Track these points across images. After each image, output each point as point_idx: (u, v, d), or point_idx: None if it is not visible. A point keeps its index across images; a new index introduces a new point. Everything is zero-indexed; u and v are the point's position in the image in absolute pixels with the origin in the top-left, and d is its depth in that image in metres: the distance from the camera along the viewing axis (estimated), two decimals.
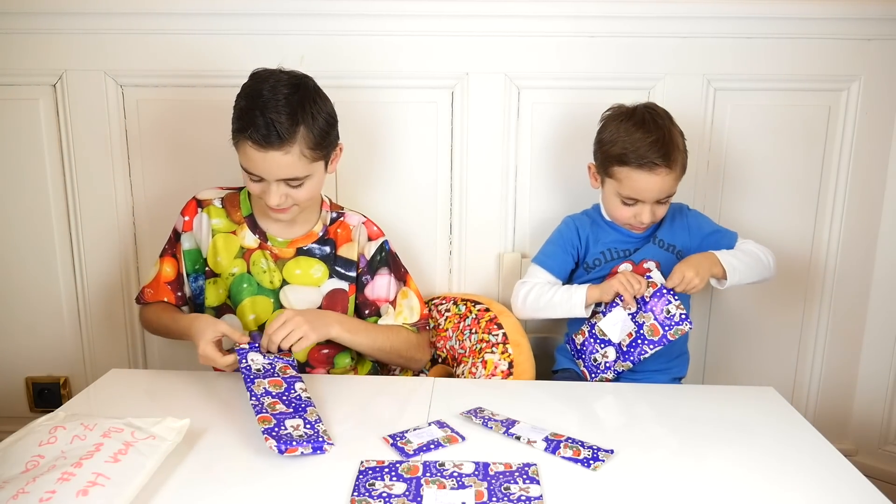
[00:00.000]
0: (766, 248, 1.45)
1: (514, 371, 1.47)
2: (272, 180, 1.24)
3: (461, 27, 1.59)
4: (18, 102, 1.64)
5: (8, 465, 0.89)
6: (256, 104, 1.20)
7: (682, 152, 1.36)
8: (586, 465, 0.99)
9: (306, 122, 1.22)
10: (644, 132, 1.33)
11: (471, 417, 1.13)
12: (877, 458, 1.77)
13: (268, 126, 1.18)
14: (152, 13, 1.57)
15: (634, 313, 1.35)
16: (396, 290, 1.43)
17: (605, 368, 1.38)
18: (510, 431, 1.08)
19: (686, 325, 1.31)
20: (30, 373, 1.79)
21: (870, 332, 1.74)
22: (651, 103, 1.41)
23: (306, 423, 1.06)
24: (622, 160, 1.34)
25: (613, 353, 1.37)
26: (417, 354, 1.43)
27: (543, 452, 1.02)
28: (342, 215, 1.43)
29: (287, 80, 1.24)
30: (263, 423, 1.04)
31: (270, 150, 1.20)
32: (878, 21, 1.56)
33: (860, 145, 1.64)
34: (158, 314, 1.39)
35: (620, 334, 1.37)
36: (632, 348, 1.35)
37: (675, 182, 1.36)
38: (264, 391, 1.13)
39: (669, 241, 1.46)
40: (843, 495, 0.94)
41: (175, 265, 1.40)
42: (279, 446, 0.99)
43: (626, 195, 1.37)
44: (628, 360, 1.36)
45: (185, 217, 1.39)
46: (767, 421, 1.16)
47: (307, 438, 1.02)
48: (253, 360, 1.18)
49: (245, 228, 1.38)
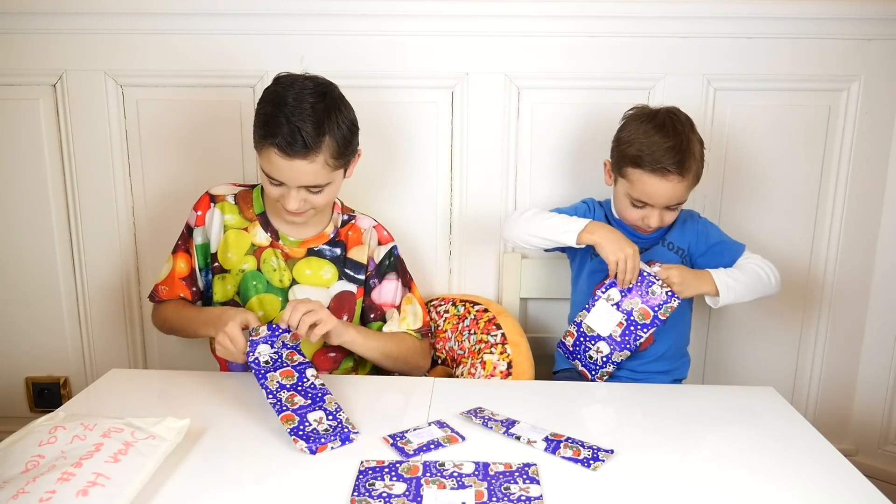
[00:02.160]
0: (771, 264, 1.42)
1: (513, 371, 1.47)
2: (293, 186, 1.25)
3: (461, 27, 1.59)
4: (18, 102, 1.64)
5: (8, 465, 0.89)
6: (282, 111, 1.20)
7: (697, 161, 1.34)
8: (586, 465, 0.99)
9: (332, 132, 1.22)
10: (662, 136, 1.31)
11: (471, 417, 1.13)
12: (877, 458, 1.77)
13: (293, 134, 1.18)
14: (152, 13, 1.57)
15: (619, 303, 1.35)
16: (402, 295, 1.44)
17: (604, 363, 1.37)
18: (510, 431, 1.08)
19: (675, 301, 1.32)
20: (30, 373, 1.79)
21: (870, 333, 1.74)
22: (675, 108, 1.38)
23: (328, 415, 1.09)
24: (636, 162, 1.33)
25: (606, 346, 1.36)
26: (421, 361, 1.44)
27: (543, 452, 1.02)
28: (353, 218, 1.44)
29: (313, 87, 1.23)
30: (287, 422, 1.06)
31: (296, 159, 1.21)
32: (878, 21, 1.56)
33: (860, 145, 1.64)
34: (178, 310, 1.39)
35: (608, 326, 1.36)
36: (626, 336, 1.35)
37: (686, 190, 1.35)
38: (278, 385, 1.13)
39: (679, 244, 1.45)
40: (843, 495, 0.94)
41: (189, 261, 1.40)
42: (310, 447, 1.02)
43: (636, 197, 1.36)
44: (625, 348, 1.35)
45: (197, 212, 1.40)
46: (767, 421, 1.16)
47: (333, 432, 1.05)
48: (260, 353, 1.18)
49: (257, 226, 1.38)
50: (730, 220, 1.68)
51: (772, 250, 1.69)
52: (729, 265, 1.42)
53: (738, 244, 1.47)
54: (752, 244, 1.69)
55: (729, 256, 1.44)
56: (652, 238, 1.45)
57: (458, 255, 1.73)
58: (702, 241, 1.45)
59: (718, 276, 1.36)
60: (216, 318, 1.27)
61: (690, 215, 1.49)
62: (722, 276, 1.36)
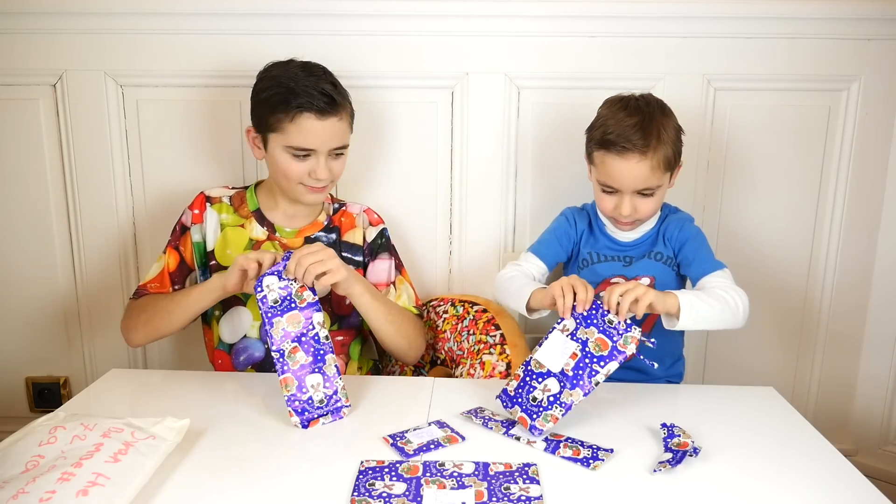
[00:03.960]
0: (743, 294, 1.27)
1: (512, 372, 1.46)
2: (324, 151, 1.32)
3: (461, 27, 1.59)
4: (18, 102, 1.64)
5: (8, 465, 0.89)
6: (298, 82, 1.28)
7: (665, 144, 1.29)
8: (586, 464, 0.99)
9: (345, 93, 1.35)
10: (626, 114, 1.29)
11: (471, 417, 1.13)
12: (877, 458, 1.77)
13: (324, 94, 1.28)
14: (152, 13, 1.57)
15: (573, 332, 1.13)
16: (395, 275, 1.46)
17: (549, 404, 1.09)
18: (510, 432, 1.08)
19: (635, 331, 1.09)
20: (30, 373, 1.79)
21: (870, 333, 1.74)
22: (648, 94, 1.36)
23: (326, 380, 1.14)
24: (600, 143, 1.32)
25: (556, 383, 1.10)
26: (419, 340, 1.43)
27: (543, 452, 1.02)
28: (344, 205, 1.49)
29: (308, 63, 1.35)
30: (285, 387, 1.11)
31: (330, 118, 1.30)
32: (878, 21, 1.56)
33: (860, 145, 1.64)
34: (162, 296, 1.36)
35: (560, 360, 1.11)
36: (579, 370, 1.09)
37: (652, 173, 1.28)
38: (283, 333, 1.14)
39: (667, 253, 1.41)
40: (843, 495, 0.94)
41: (177, 257, 1.41)
42: (302, 422, 1.09)
43: (603, 181, 1.34)
44: (577, 386, 1.08)
45: (194, 210, 1.42)
46: (767, 421, 1.16)
47: (327, 403, 1.13)
48: (269, 286, 1.15)
49: (253, 222, 1.41)
50: (730, 219, 1.68)
51: (771, 250, 1.70)
52: (696, 273, 1.35)
53: (712, 263, 1.35)
54: (751, 244, 1.70)
55: (699, 267, 1.34)
56: (640, 250, 1.42)
57: (457, 255, 1.72)
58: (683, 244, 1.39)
59: (683, 295, 1.20)
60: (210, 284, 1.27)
61: (682, 223, 1.42)
62: (687, 295, 1.21)
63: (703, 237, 1.42)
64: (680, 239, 1.39)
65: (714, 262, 1.35)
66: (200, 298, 1.29)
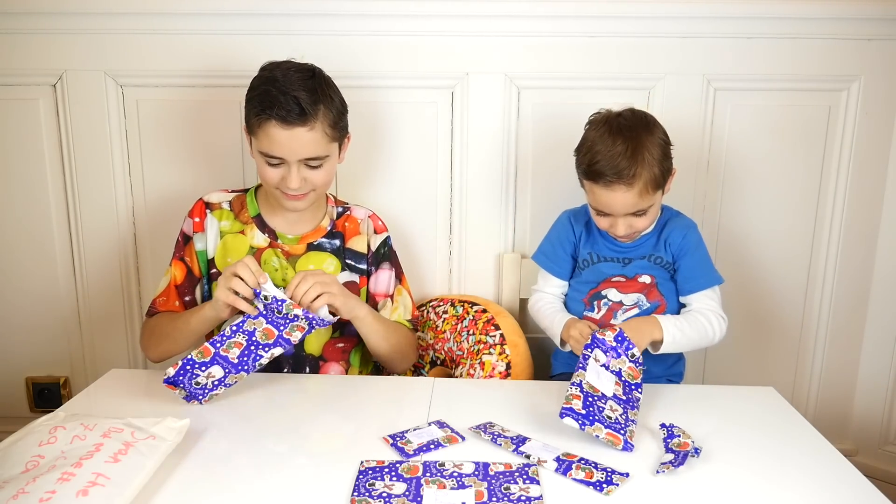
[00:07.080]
0: (722, 320, 1.35)
1: (511, 372, 1.47)
2: (294, 161, 1.26)
3: (461, 27, 1.59)
4: (18, 102, 1.64)
5: (8, 465, 0.89)
6: (274, 86, 1.23)
7: (649, 167, 1.26)
8: (599, 488, 0.94)
9: (325, 101, 1.26)
10: (611, 140, 1.27)
11: (479, 433, 1.09)
12: (877, 458, 1.77)
13: (291, 103, 1.22)
14: (152, 13, 1.57)
15: (606, 364, 1.19)
16: (394, 286, 1.44)
17: (626, 423, 1.10)
18: (520, 450, 1.03)
19: (638, 369, 1.20)
20: (30, 373, 1.79)
21: (870, 333, 1.74)
22: (631, 109, 1.33)
23: (220, 380, 1.16)
24: (586, 174, 1.31)
25: (618, 405, 1.13)
26: (412, 353, 1.44)
27: (554, 473, 0.98)
28: (348, 209, 1.45)
29: (298, 66, 1.29)
30: (199, 354, 1.14)
31: (296, 127, 1.23)
32: (878, 21, 1.56)
33: (860, 145, 1.64)
34: (171, 316, 1.35)
35: (609, 386, 1.16)
36: (629, 393, 1.17)
37: (639, 197, 1.27)
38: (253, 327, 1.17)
39: (667, 258, 1.40)
40: (843, 495, 0.94)
41: (183, 269, 1.38)
42: (171, 379, 1.14)
43: (595, 207, 1.35)
44: (635, 406, 1.15)
45: (194, 218, 1.39)
46: (767, 421, 1.16)
47: (200, 386, 1.15)
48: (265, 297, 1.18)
49: (254, 228, 1.38)
50: (729, 219, 1.68)
51: (771, 250, 1.70)
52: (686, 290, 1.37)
53: (711, 277, 1.37)
54: (751, 244, 1.70)
55: (691, 283, 1.37)
56: (639, 252, 1.41)
57: (457, 255, 1.73)
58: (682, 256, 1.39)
59: (667, 327, 1.28)
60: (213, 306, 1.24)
61: (685, 230, 1.40)
62: (671, 328, 1.29)
63: (704, 248, 1.41)
64: (681, 248, 1.39)
65: (708, 278, 1.37)
66: (200, 326, 1.28)
